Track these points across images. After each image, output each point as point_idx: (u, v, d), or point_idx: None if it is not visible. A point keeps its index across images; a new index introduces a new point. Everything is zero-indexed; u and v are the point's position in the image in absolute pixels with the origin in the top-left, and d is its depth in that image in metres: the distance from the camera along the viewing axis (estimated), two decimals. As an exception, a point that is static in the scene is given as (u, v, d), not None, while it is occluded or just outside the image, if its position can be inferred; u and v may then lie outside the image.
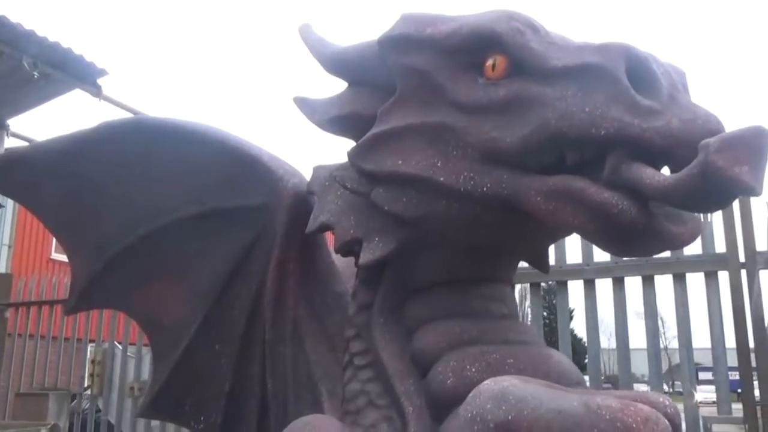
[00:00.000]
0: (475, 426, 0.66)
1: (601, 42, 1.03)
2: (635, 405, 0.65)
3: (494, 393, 0.67)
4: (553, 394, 0.67)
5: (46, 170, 1.98)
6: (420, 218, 1.17)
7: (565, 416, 0.63)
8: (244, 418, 1.71)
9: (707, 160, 0.84)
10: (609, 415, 0.63)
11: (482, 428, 0.65)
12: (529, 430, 0.62)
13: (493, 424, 0.65)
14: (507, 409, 0.65)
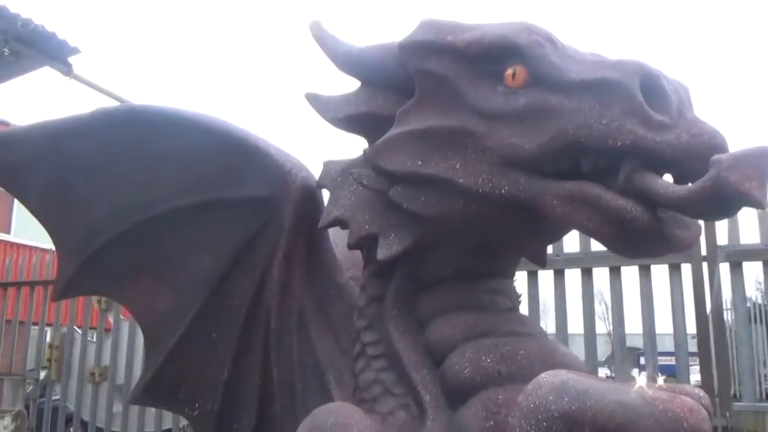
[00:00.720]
0: (538, 415, 0.70)
1: (617, 59, 1.09)
2: (681, 397, 0.71)
3: (555, 385, 0.72)
4: (611, 386, 0.72)
5: (31, 154, 1.93)
6: (438, 216, 1.21)
7: (626, 407, 0.68)
8: (243, 406, 1.73)
9: (720, 175, 0.91)
10: (662, 406, 0.69)
11: (546, 417, 0.70)
12: (593, 420, 0.67)
13: (557, 414, 0.70)
14: (569, 400, 0.70)
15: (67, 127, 1.90)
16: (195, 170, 1.73)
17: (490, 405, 1.10)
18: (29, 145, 1.94)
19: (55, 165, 1.90)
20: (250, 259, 1.68)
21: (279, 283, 1.56)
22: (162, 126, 1.73)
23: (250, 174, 1.62)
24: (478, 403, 1.11)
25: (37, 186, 1.96)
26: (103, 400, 4.69)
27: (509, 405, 1.10)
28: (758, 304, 7.37)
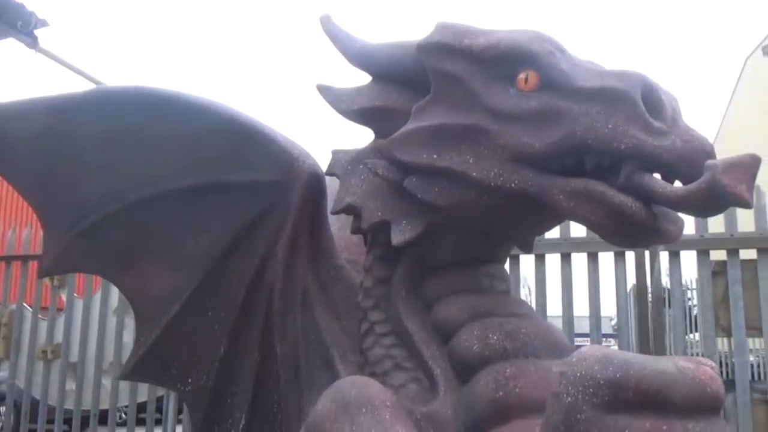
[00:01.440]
0: (585, 383, 0.83)
1: (621, 70, 1.23)
2: (703, 366, 0.85)
3: (599, 357, 0.85)
4: (648, 357, 0.86)
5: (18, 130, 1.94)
6: (450, 206, 1.34)
7: (664, 374, 0.82)
8: (239, 381, 1.82)
9: (716, 178, 1.07)
10: (691, 374, 0.83)
11: (592, 384, 0.83)
12: (636, 385, 0.80)
13: (603, 381, 0.83)
14: (614, 369, 0.83)
15: (57, 104, 1.92)
16: (197, 153, 1.78)
17: (498, 377, 1.24)
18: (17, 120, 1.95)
19: (45, 142, 1.92)
20: (250, 241, 1.76)
21: (284, 265, 1.66)
22: (165, 108, 1.77)
23: (255, 159, 1.70)
24: (487, 375, 1.25)
25: (23, 162, 1.98)
26: (56, 378, 4.64)
27: (516, 377, 1.24)
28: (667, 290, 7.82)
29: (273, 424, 1.77)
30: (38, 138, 1.91)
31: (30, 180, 1.99)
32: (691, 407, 0.79)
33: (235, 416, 1.84)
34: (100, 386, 4.53)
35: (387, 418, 1.21)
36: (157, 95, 1.79)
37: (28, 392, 4.67)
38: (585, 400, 0.80)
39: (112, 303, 4.62)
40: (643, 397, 0.78)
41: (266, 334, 1.74)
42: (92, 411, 4.52)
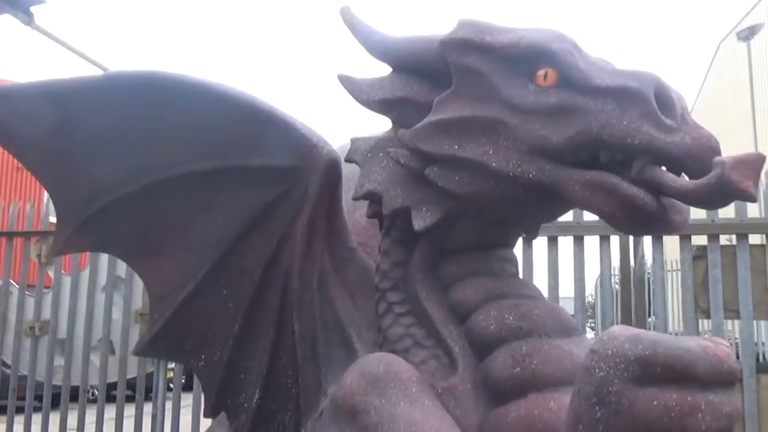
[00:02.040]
0: (616, 359, 0.92)
1: (634, 70, 1.31)
2: (720, 345, 0.95)
3: (629, 336, 0.93)
4: (673, 337, 0.94)
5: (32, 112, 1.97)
6: (469, 195, 1.42)
7: (690, 352, 0.91)
8: (254, 357, 1.89)
9: (725, 173, 1.15)
10: (711, 351, 0.92)
11: (623, 361, 0.91)
12: (664, 361, 0.89)
13: (634, 358, 0.91)
14: (643, 347, 0.91)
15: (75, 87, 1.94)
16: (214, 138, 1.83)
17: (515, 355, 1.33)
18: (31, 103, 1.98)
19: (59, 124, 1.95)
20: (267, 223, 1.82)
21: (302, 247, 1.72)
22: (182, 93, 1.81)
23: (273, 145, 1.75)
24: (504, 352, 1.34)
25: (35, 144, 2.01)
26: (44, 354, 4.66)
27: (531, 355, 1.33)
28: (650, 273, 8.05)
29: (287, 398, 1.84)
30: (52, 120, 1.94)
31: (43, 161, 2.02)
32: (712, 381, 0.88)
33: (248, 390, 1.91)
34: (89, 363, 4.57)
35: (414, 391, 1.29)
36: (175, 81, 1.82)
37: (15, 368, 4.68)
38: (616, 375, 0.88)
39: (100, 280, 4.65)
40: (670, 372, 0.87)
41: (282, 313, 1.81)
42: (81, 387, 4.56)
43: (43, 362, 4.64)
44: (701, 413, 0.86)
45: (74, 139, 1.96)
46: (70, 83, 1.97)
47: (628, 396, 0.86)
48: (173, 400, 4.41)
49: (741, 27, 18.99)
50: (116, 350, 4.56)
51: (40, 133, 1.97)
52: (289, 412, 1.85)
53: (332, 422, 1.36)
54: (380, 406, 1.27)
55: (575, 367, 1.33)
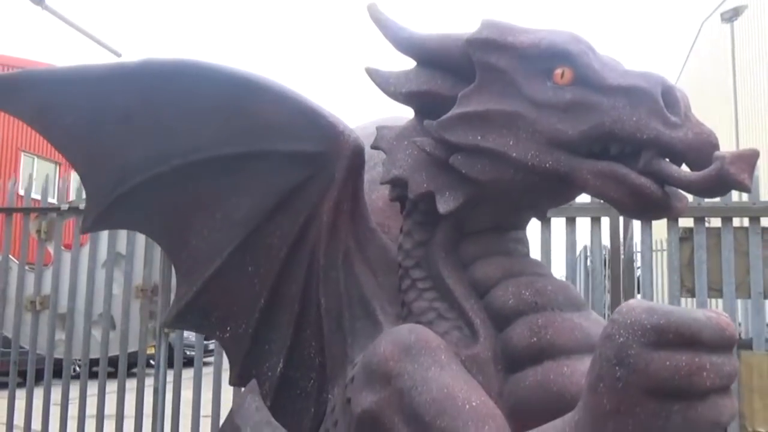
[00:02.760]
0: (634, 326, 1.05)
1: (643, 71, 1.44)
2: (723, 315, 1.09)
3: (645, 308, 1.07)
4: (683, 309, 1.08)
5: (65, 96, 2.06)
6: (490, 182, 1.55)
7: (697, 321, 1.05)
8: (278, 329, 2.01)
9: (724, 167, 1.29)
10: (715, 321, 1.06)
11: (640, 328, 1.05)
12: (676, 329, 1.03)
13: (650, 326, 1.05)
14: (658, 317, 1.05)
15: (108, 73, 2.04)
16: (243, 123, 1.93)
17: (532, 326, 1.47)
18: (63, 87, 2.07)
19: (90, 108, 2.04)
20: (293, 204, 1.94)
21: (328, 227, 1.84)
22: (213, 81, 1.91)
23: (301, 131, 1.86)
24: (522, 324, 1.48)
25: (67, 127, 2.09)
26: (44, 328, 4.75)
27: (546, 326, 1.47)
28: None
29: (309, 367, 1.97)
30: (84, 104, 2.03)
31: (75, 143, 2.11)
32: (715, 345, 1.03)
33: (272, 360, 2.04)
34: (90, 336, 4.67)
35: (443, 358, 1.43)
36: (206, 69, 1.92)
37: (16, 342, 4.77)
38: (635, 340, 1.02)
39: (100, 256, 4.72)
40: (680, 338, 1.01)
41: (307, 288, 1.94)
42: (82, 361, 4.66)
43: (44, 336, 4.74)
44: (706, 372, 1.01)
45: (105, 123, 2.05)
46: (102, 69, 2.06)
47: (644, 358, 1.01)
48: (174, 373, 4.53)
49: (724, 8, 19.22)
50: (117, 325, 4.66)
51: (72, 117, 2.06)
52: (311, 379, 1.99)
53: (366, 386, 1.50)
54: (413, 371, 1.41)
55: (584, 337, 1.48)
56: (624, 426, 1.03)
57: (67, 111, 2.07)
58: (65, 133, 2.12)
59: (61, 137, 2.14)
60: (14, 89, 2.11)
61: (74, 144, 2.14)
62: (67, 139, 2.14)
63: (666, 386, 1.01)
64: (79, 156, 2.15)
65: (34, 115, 2.14)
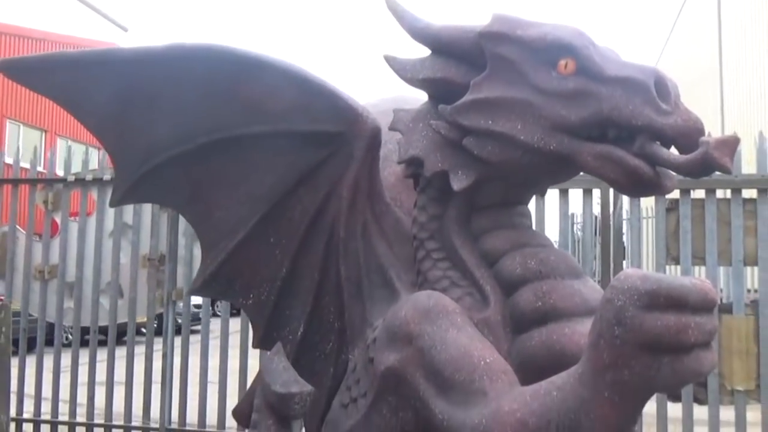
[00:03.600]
0: (631, 292, 1.21)
1: (639, 63, 1.59)
2: (705, 282, 1.25)
3: (640, 275, 1.23)
4: (673, 276, 1.25)
5: (95, 77, 2.17)
6: (499, 162, 1.70)
7: (684, 287, 1.21)
8: (298, 296, 2.18)
9: (708, 151, 1.46)
10: (699, 286, 1.23)
11: (634, 293, 1.21)
12: (666, 294, 1.20)
13: (644, 291, 1.21)
14: (651, 283, 1.21)
15: (135, 57, 2.15)
16: (267, 105, 2.06)
17: (537, 292, 1.64)
18: (92, 68, 2.18)
19: (119, 89, 2.16)
20: (314, 180, 2.08)
21: (348, 202, 2.00)
22: (238, 65, 2.04)
23: (322, 112, 2.00)
24: (528, 291, 1.66)
25: (96, 106, 2.21)
26: (53, 297, 4.90)
27: (550, 292, 1.65)
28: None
29: (329, 331, 2.15)
30: (112, 86, 2.15)
31: (104, 123, 2.24)
32: (699, 307, 1.20)
33: (293, 325, 2.21)
34: (98, 305, 4.83)
35: (459, 321, 1.60)
36: (231, 54, 2.04)
37: (25, 309, 4.92)
38: (631, 303, 1.19)
39: (107, 226, 4.86)
40: (670, 301, 1.18)
41: (326, 258, 2.10)
42: (91, 328, 4.83)
43: (53, 304, 4.89)
44: (691, 330, 1.18)
45: (134, 104, 2.17)
46: (130, 53, 2.18)
47: (639, 318, 1.18)
48: (182, 338, 4.71)
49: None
50: (125, 293, 4.82)
51: (102, 98, 2.18)
52: (330, 342, 2.16)
53: (389, 347, 1.67)
54: (433, 332, 1.58)
55: (583, 302, 1.66)
56: (621, 376, 1.21)
57: (95, 92, 2.19)
58: (94, 112, 2.25)
59: (90, 117, 2.26)
60: (45, 70, 2.23)
61: (103, 123, 2.26)
62: (96, 119, 2.27)
63: (657, 342, 1.18)
64: (108, 134, 2.28)
65: (63, 96, 2.26)
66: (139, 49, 2.15)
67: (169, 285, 4.66)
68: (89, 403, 4.78)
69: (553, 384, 1.37)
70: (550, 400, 1.33)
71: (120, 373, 4.73)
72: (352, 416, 1.83)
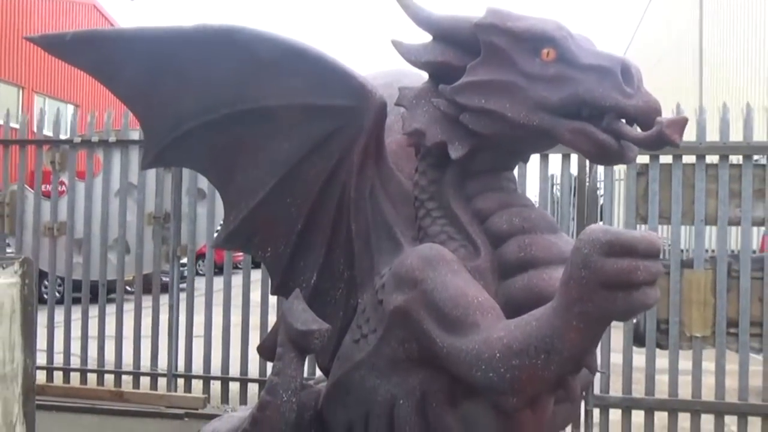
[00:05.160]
0: (593, 242, 1.51)
1: (609, 53, 1.89)
2: (652, 234, 1.57)
3: (602, 229, 1.54)
4: (628, 230, 1.57)
5: (128, 52, 2.42)
6: (491, 135, 2.01)
7: (636, 238, 1.52)
8: (312, 249, 2.49)
9: (662, 129, 1.77)
10: (648, 237, 1.52)
11: (597, 243, 1.52)
12: (622, 243, 1.49)
13: (604, 241, 1.52)
14: (610, 235, 1.52)
15: (165, 35, 2.40)
16: (285, 81, 2.33)
17: (521, 244, 1.97)
18: (125, 44, 2.43)
19: (149, 64, 2.41)
20: (327, 147, 2.37)
21: (358, 166, 2.29)
22: (260, 45, 2.30)
23: (336, 89, 2.27)
24: (513, 243, 1.98)
25: (128, 79, 2.47)
26: (62, 252, 5.17)
27: (531, 245, 1.97)
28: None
29: (338, 280, 2.46)
30: (142, 60, 2.39)
31: (136, 94, 2.49)
32: (647, 254, 1.53)
33: (306, 275, 2.52)
34: (107, 260, 5.11)
35: (456, 267, 1.93)
36: (254, 35, 2.28)
37: (36, 265, 5.18)
38: (594, 251, 1.51)
39: (113, 186, 5.11)
40: (624, 249, 1.50)
41: (337, 216, 2.39)
42: (100, 281, 5.12)
43: (62, 260, 5.16)
44: (640, 271, 1.51)
45: (162, 78, 2.42)
46: (160, 31, 2.43)
47: (600, 262, 1.50)
48: (187, 292, 5.02)
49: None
50: (132, 249, 5.10)
51: (133, 72, 2.43)
52: (340, 289, 2.48)
53: (396, 290, 1.99)
54: (434, 277, 1.90)
55: (559, 253, 1.99)
56: (585, 308, 1.55)
57: (127, 66, 2.44)
58: (126, 84, 2.50)
59: (122, 88, 2.52)
60: (81, 45, 2.47)
61: (134, 94, 2.52)
62: (127, 90, 2.52)
63: (614, 281, 1.51)
64: (139, 104, 2.54)
65: (97, 69, 2.50)
66: (168, 29, 2.40)
67: (174, 241, 4.94)
68: (99, 352, 5.10)
69: (533, 316, 1.71)
70: (530, 328, 1.67)
71: (128, 326, 5.04)
72: (363, 349, 2.16)
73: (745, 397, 4.12)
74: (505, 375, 1.69)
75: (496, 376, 1.71)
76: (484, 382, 1.74)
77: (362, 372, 2.12)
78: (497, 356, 1.70)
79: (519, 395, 1.72)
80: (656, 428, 4.25)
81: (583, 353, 1.64)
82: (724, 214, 4.08)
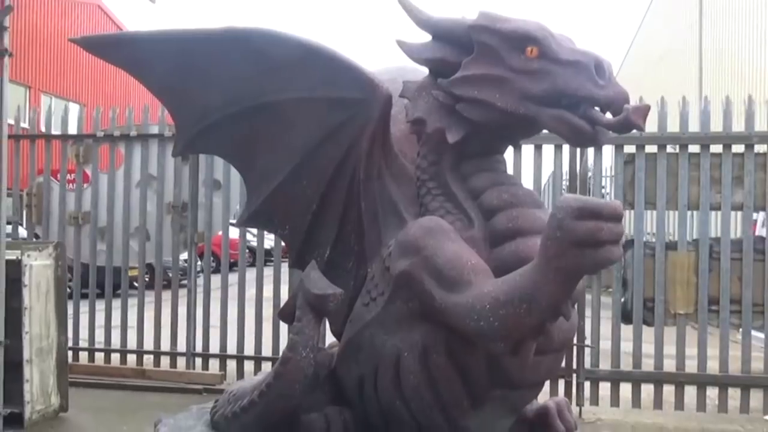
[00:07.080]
0: (566, 209, 1.80)
1: (584, 49, 2.20)
2: (615, 202, 1.86)
3: (573, 198, 1.83)
4: (595, 199, 1.86)
5: (159, 52, 2.70)
6: (483, 122, 2.31)
7: (600, 204, 1.80)
8: (326, 225, 2.78)
9: (628, 116, 2.07)
10: (612, 204, 1.80)
11: (569, 209, 1.80)
12: (590, 208, 1.77)
13: (575, 206, 1.80)
14: (580, 202, 1.79)
15: (193, 36, 2.70)
16: (302, 77, 2.62)
17: (509, 216, 2.25)
18: (158, 44, 2.74)
19: (179, 61, 2.69)
20: (339, 135, 2.66)
21: (366, 151, 2.59)
22: (280, 45, 2.59)
23: (347, 83, 2.57)
24: (502, 216, 2.27)
25: (160, 75, 2.76)
26: (86, 240, 5.49)
27: (518, 217, 2.27)
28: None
29: (350, 253, 2.75)
30: (172, 59, 2.67)
31: (167, 89, 2.78)
32: (610, 218, 1.81)
33: (321, 249, 2.81)
34: (128, 248, 5.43)
35: (452, 236, 2.23)
36: (275, 36, 2.58)
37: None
38: (566, 215, 1.80)
39: (134, 177, 5.43)
40: (591, 214, 1.79)
41: (349, 195, 2.68)
42: (122, 267, 5.44)
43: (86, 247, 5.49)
44: (604, 231, 1.80)
45: (192, 74, 2.70)
46: (189, 33, 2.72)
47: (572, 225, 1.79)
48: (204, 281, 5.34)
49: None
50: (152, 236, 5.42)
51: (167, 69, 2.73)
52: (351, 262, 2.77)
53: (401, 256, 2.29)
54: (434, 244, 2.21)
55: (542, 224, 2.28)
56: (560, 263, 1.85)
57: (158, 63, 2.72)
58: (157, 80, 2.80)
59: (154, 83, 2.81)
60: (116, 45, 2.79)
61: (165, 88, 2.82)
62: (159, 85, 2.82)
63: (583, 240, 1.81)
64: (169, 98, 2.84)
65: (133, 66, 2.80)
66: (196, 31, 2.70)
67: (191, 229, 5.26)
68: (122, 335, 5.42)
69: (517, 273, 2.01)
70: (515, 283, 1.98)
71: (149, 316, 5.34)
72: (372, 310, 2.46)
73: (725, 369, 4.42)
74: (494, 323, 1.99)
75: (486, 325, 2.01)
76: (476, 330, 2.04)
77: (372, 330, 2.43)
78: (487, 307, 2.00)
79: (506, 340, 2.02)
80: (643, 399, 4.56)
81: (559, 303, 1.95)
82: (706, 200, 4.37)
